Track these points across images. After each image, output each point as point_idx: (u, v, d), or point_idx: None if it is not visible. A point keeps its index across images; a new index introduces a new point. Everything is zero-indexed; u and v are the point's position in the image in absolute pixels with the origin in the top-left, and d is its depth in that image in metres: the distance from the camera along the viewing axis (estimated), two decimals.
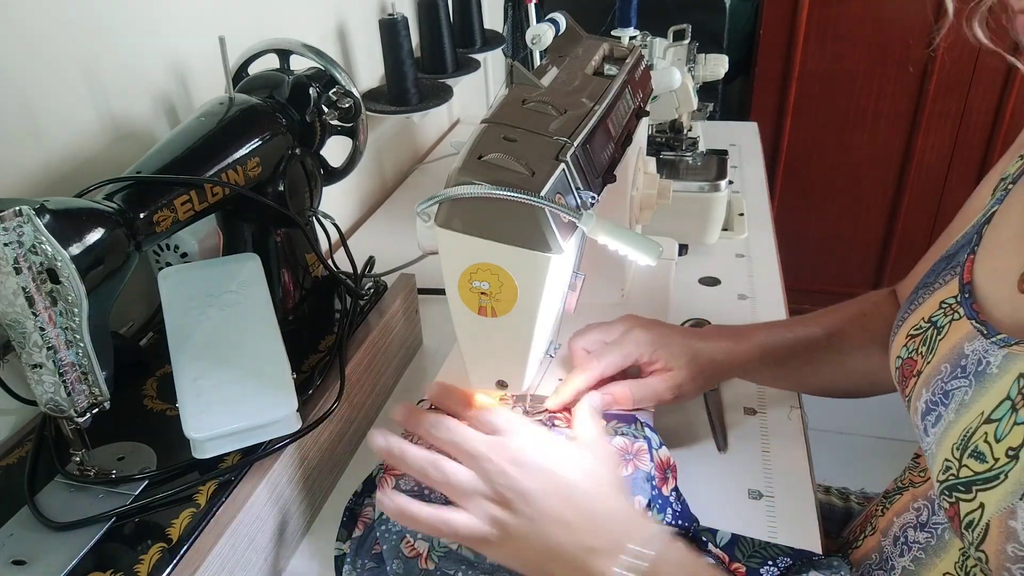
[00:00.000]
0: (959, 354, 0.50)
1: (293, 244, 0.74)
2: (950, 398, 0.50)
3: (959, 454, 0.47)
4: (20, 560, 0.49)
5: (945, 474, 0.48)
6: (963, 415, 0.48)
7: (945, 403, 0.50)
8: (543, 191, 0.47)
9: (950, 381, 0.50)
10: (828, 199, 2.24)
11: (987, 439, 0.45)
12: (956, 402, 0.49)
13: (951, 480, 0.48)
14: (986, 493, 0.45)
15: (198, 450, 0.56)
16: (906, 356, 0.57)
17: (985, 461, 0.45)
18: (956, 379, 0.50)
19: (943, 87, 1.98)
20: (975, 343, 0.49)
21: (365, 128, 0.79)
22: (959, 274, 0.55)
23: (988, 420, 0.46)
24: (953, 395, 0.50)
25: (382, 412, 0.79)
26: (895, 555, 0.59)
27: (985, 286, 0.52)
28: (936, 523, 0.56)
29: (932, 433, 0.51)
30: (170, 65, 0.79)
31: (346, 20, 1.14)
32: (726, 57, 1.19)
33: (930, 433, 0.51)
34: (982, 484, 0.45)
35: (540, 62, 0.71)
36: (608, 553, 0.48)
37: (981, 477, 0.45)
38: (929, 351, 0.54)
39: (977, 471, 0.46)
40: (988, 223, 0.55)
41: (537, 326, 0.53)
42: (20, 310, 0.46)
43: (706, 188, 1.00)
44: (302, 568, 0.62)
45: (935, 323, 0.55)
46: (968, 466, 0.46)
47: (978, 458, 0.46)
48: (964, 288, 0.53)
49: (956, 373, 0.50)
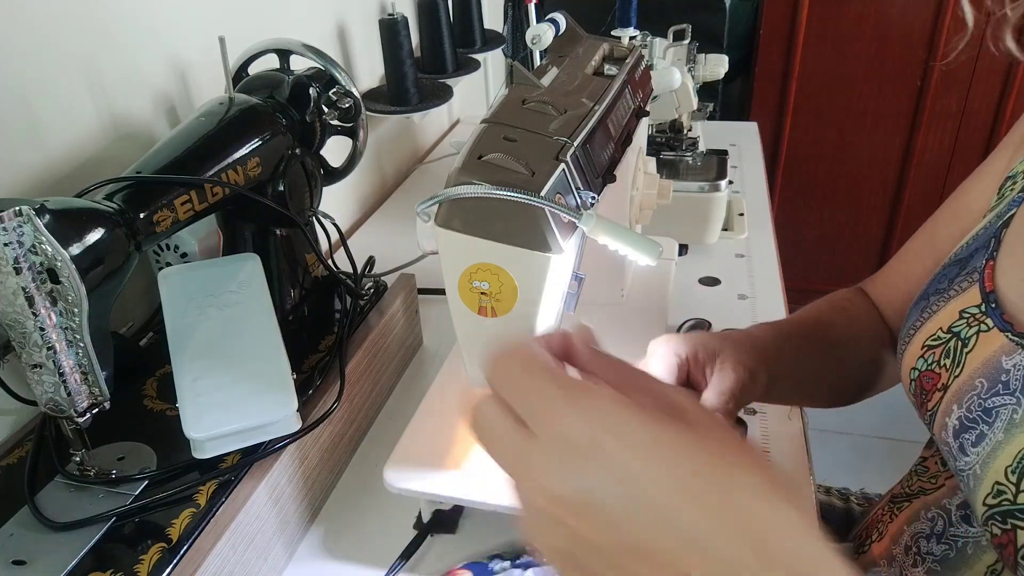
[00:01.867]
0: (997, 368, 0.48)
1: (293, 244, 0.74)
2: (994, 416, 0.47)
3: (1015, 478, 0.44)
4: (20, 560, 0.49)
5: (997, 498, 0.45)
6: (1015, 435, 0.45)
7: (987, 421, 0.47)
8: (543, 191, 0.47)
9: (991, 398, 0.48)
10: (828, 199, 2.24)
11: None
12: (1003, 421, 0.46)
13: (1006, 505, 0.44)
14: None
15: (198, 450, 0.56)
16: (924, 368, 0.54)
17: None
18: (999, 396, 0.47)
19: (943, 87, 1.98)
20: (1015, 357, 0.47)
21: (365, 128, 0.79)
22: (979, 281, 0.52)
23: None
24: (997, 413, 0.47)
25: (382, 412, 0.79)
26: (908, 565, 0.58)
27: (1015, 296, 0.49)
28: (955, 536, 0.54)
29: (973, 452, 0.48)
30: (170, 65, 0.79)
31: (346, 20, 1.14)
32: (726, 57, 1.19)
33: (969, 452, 0.48)
34: None
35: (540, 62, 0.71)
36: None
37: None
38: (955, 364, 0.51)
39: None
40: (1007, 227, 0.52)
41: (537, 326, 0.53)
42: (20, 310, 0.46)
43: (706, 188, 1.00)
44: (302, 568, 0.62)
45: (958, 334, 0.52)
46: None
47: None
48: (988, 297, 0.50)
49: (997, 389, 0.47)
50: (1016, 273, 0.50)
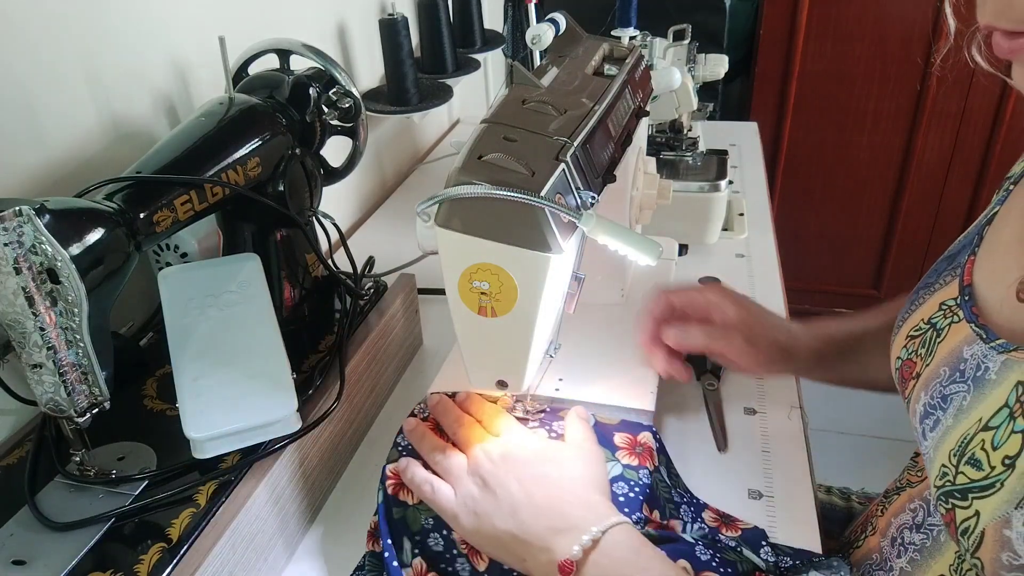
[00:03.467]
0: (958, 358, 0.50)
1: (293, 244, 0.74)
2: (948, 402, 0.49)
3: (956, 460, 0.47)
4: (20, 560, 0.49)
5: (942, 480, 0.48)
6: (961, 421, 0.48)
7: (944, 407, 0.50)
8: (543, 191, 0.47)
9: (949, 385, 0.50)
10: (828, 199, 2.24)
11: (984, 446, 0.45)
12: (955, 407, 0.49)
13: (948, 486, 0.47)
14: (982, 501, 0.44)
15: (198, 450, 0.56)
16: (906, 357, 0.56)
17: (981, 469, 0.45)
18: (955, 383, 0.49)
19: (943, 87, 1.98)
20: (974, 347, 0.49)
21: (365, 128, 0.79)
22: (959, 275, 0.54)
23: (986, 427, 0.45)
24: (952, 400, 0.49)
25: (382, 412, 0.79)
26: (893, 556, 0.59)
27: (984, 289, 0.51)
28: (932, 525, 0.56)
29: (930, 437, 0.51)
30: (170, 65, 0.79)
31: (346, 20, 1.14)
32: (726, 57, 1.19)
33: (928, 437, 0.51)
34: (978, 492, 0.45)
35: (540, 62, 0.71)
36: (570, 532, 0.51)
37: (977, 485, 0.45)
38: (928, 353, 0.54)
39: (973, 478, 0.45)
40: (989, 224, 0.55)
41: (537, 326, 0.53)
42: (20, 310, 0.46)
43: (706, 188, 1.00)
44: (302, 568, 0.62)
45: (934, 325, 0.54)
46: (965, 473, 0.46)
47: (975, 465, 0.45)
48: (964, 290, 0.53)
49: (955, 377, 0.50)
50: (988, 267, 0.52)
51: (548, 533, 0.51)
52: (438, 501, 0.56)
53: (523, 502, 0.53)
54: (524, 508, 0.53)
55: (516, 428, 0.61)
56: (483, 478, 0.55)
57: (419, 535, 0.58)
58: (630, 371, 0.71)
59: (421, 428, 0.63)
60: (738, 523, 0.61)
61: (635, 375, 0.71)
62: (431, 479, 0.58)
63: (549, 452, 0.58)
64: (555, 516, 0.52)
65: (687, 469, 0.67)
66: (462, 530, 0.56)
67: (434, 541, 0.57)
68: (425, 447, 0.61)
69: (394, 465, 0.60)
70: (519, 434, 0.60)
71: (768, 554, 0.56)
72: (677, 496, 0.62)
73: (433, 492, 0.57)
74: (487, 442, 0.59)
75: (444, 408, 0.64)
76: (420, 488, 0.58)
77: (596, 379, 0.70)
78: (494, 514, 0.53)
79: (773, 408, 0.75)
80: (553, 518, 0.52)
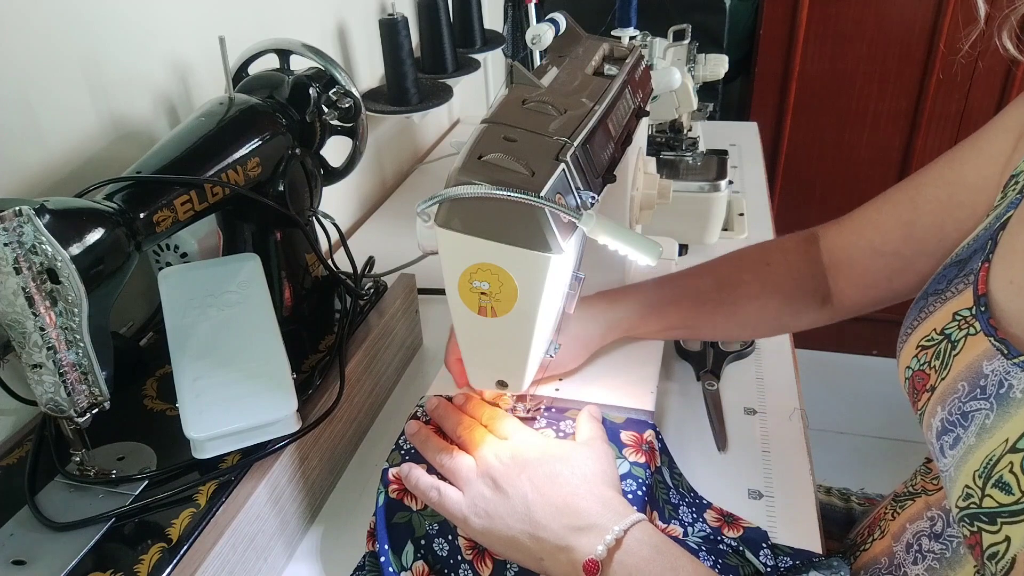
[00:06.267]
0: (977, 373, 0.48)
1: (293, 244, 0.74)
2: (969, 420, 0.47)
3: (982, 483, 0.45)
4: (20, 560, 0.49)
5: (966, 501, 0.46)
6: (985, 440, 0.46)
7: (964, 425, 0.48)
8: (543, 191, 0.47)
9: (969, 402, 0.48)
10: (828, 199, 2.24)
11: (1013, 469, 0.43)
12: (976, 425, 0.47)
13: (973, 508, 0.45)
14: (1013, 527, 0.42)
15: (198, 450, 0.56)
16: (917, 368, 0.54)
17: (1011, 493, 0.43)
18: (975, 400, 0.47)
19: (943, 87, 1.98)
20: (995, 362, 0.47)
21: (365, 128, 0.79)
22: (973, 284, 0.52)
23: (1014, 449, 0.43)
24: (973, 417, 0.47)
25: (382, 412, 0.79)
26: (908, 562, 0.58)
27: (1002, 300, 0.49)
28: (951, 536, 0.54)
29: (950, 455, 0.49)
30: (170, 65, 0.79)
31: (346, 20, 1.14)
32: (726, 57, 1.19)
33: (947, 454, 0.49)
34: (1008, 517, 0.43)
35: (540, 62, 0.71)
36: (591, 531, 0.51)
37: (1007, 510, 0.43)
38: (944, 366, 0.51)
39: (1003, 503, 0.43)
40: (1004, 229, 0.52)
41: (537, 326, 0.53)
42: (20, 310, 0.46)
43: (706, 188, 1.00)
44: (302, 568, 0.62)
45: (949, 336, 0.52)
46: (992, 496, 0.44)
47: (1003, 489, 0.43)
48: (979, 300, 0.50)
49: (975, 394, 0.48)
50: (1005, 276, 0.50)
51: (566, 531, 0.51)
52: (446, 505, 0.56)
53: (537, 501, 0.53)
54: (539, 507, 0.52)
55: (522, 429, 0.60)
56: (494, 479, 0.55)
57: (423, 539, 0.57)
58: (630, 371, 0.71)
59: (424, 431, 0.62)
60: (740, 522, 0.61)
61: (635, 375, 0.71)
62: (437, 484, 0.57)
63: (559, 451, 0.57)
64: (571, 514, 0.52)
65: (687, 469, 0.67)
66: (472, 532, 0.55)
67: (438, 546, 0.57)
68: (430, 450, 0.60)
69: (396, 470, 0.60)
70: (526, 434, 0.59)
71: (768, 557, 0.56)
72: (676, 497, 0.62)
73: (440, 496, 0.56)
74: (495, 443, 0.58)
75: (445, 411, 0.63)
76: (426, 493, 0.57)
77: (596, 379, 0.70)
78: (508, 515, 0.53)
79: (773, 408, 0.75)
80: (570, 516, 0.52)
